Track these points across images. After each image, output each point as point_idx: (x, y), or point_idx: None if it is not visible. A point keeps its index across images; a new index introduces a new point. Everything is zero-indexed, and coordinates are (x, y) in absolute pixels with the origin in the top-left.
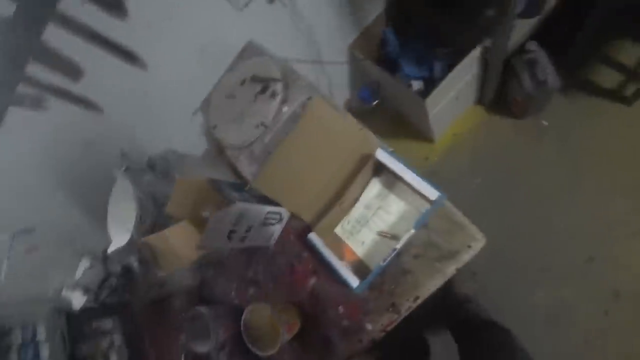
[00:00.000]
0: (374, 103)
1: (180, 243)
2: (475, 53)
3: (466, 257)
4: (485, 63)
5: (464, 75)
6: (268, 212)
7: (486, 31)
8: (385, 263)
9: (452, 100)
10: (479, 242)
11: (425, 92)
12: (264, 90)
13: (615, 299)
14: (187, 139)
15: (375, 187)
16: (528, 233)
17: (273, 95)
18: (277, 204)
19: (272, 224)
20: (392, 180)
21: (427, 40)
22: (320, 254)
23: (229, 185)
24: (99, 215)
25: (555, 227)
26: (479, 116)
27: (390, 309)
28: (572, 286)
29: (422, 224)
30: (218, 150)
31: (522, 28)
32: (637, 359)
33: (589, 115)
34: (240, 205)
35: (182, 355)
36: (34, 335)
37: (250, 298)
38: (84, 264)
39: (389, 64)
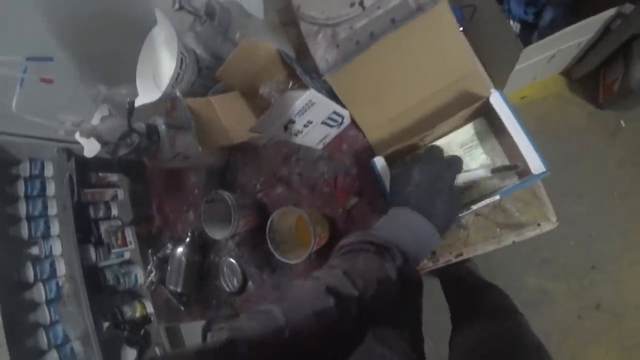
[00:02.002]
0: (460, 29)
1: (228, 117)
2: (606, 15)
3: (531, 233)
4: (606, 31)
5: (576, 37)
6: (333, 112)
7: None
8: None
9: (545, 60)
10: (550, 224)
11: (520, 38)
12: None
13: (594, 310)
14: None
15: (466, 133)
16: None
17: None
18: (342, 106)
19: (330, 127)
20: (488, 132)
21: None
22: (381, 181)
23: (300, 65)
24: (128, 61)
25: (581, 226)
26: (558, 88)
27: (429, 256)
28: (563, 284)
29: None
30: (282, 20)
31: None
32: None
33: None
34: (313, 93)
35: (189, 232)
36: (42, 170)
37: (277, 197)
38: (102, 111)
39: None
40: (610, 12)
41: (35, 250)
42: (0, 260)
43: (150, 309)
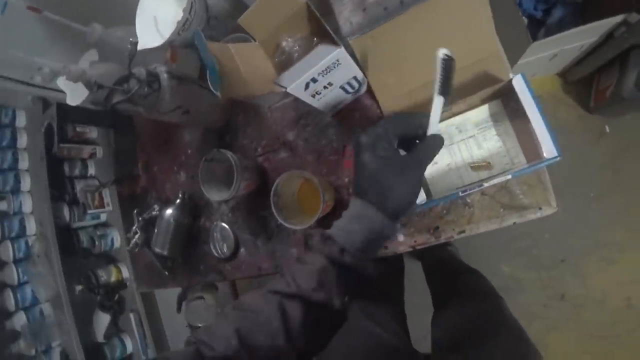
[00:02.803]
0: None
1: (248, 67)
2: (612, 21)
3: (532, 216)
4: (609, 37)
5: (581, 39)
6: (354, 77)
7: None
8: (463, 194)
9: (547, 57)
10: (550, 209)
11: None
12: None
13: (559, 300)
14: None
15: (482, 114)
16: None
17: None
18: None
19: (347, 92)
20: (502, 115)
21: None
22: None
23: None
24: (126, 1)
25: (557, 221)
26: (553, 87)
27: (432, 231)
28: (533, 273)
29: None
30: None
31: None
32: (543, 351)
33: None
34: (342, 52)
35: (180, 193)
36: (13, 119)
37: (279, 162)
38: (91, 55)
39: None
40: (617, 18)
41: (3, 206)
42: None
43: (126, 273)
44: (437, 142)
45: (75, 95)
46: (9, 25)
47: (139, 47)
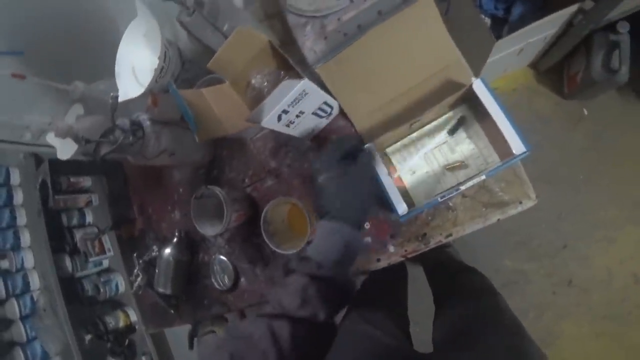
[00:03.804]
0: None
1: (221, 108)
2: (569, 11)
3: (513, 211)
4: (569, 26)
5: (543, 31)
6: (324, 102)
7: None
8: (443, 199)
9: (515, 52)
10: (530, 201)
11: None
12: None
13: (567, 286)
14: None
15: (451, 119)
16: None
17: None
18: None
19: (320, 117)
20: (471, 118)
21: None
22: None
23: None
24: (104, 56)
25: (550, 208)
26: (526, 80)
27: (420, 239)
28: (537, 263)
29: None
30: (265, 12)
31: (627, 3)
32: (558, 338)
33: (634, 123)
34: (307, 83)
35: (176, 231)
36: (7, 178)
37: (267, 190)
38: (76, 110)
39: None
40: (573, 8)
41: (4, 264)
42: None
43: (133, 317)
44: (368, 155)
45: (65, 149)
46: (3, 90)
47: (121, 98)
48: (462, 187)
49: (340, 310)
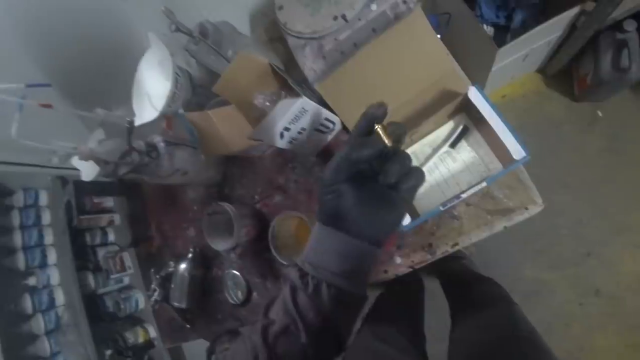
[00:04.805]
0: (438, 37)
1: (226, 128)
2: (570, 13)
3: (520, 217)
4: (572, 28)
5: (546, 36)
6: (325, 118)
7: None
8: (445, 208)
9: (520, 59)
10: (537, 207)
11: (495, 40)
12: None
13: (594, 296)
14: (229, 14)
15: (450, 129)
16: (542, 212)
17: None
18: (332, 112)
19: (323, 133)
20: (471, 127)
21: None
22: None
23: (291, 77)
24: (120, 84)
25: (570, 214)
26: (535, 85)
27: (426, 249)
28: (560, 272)
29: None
30: (269, 36)
31: (630, 1)
32: (588, 351)
33: None
34: (305, 101)
35: (190, 248)
36: (36, 199)
37: (275, 206)
38: (98, 135)
39: None
40: (574, 10)
41: (32, 281)
42: None
43: (153, 333)
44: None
45: (88, 171)
46: (25, 121)
47: (138, 122)
48: (464, 195)
49: (352, 325)
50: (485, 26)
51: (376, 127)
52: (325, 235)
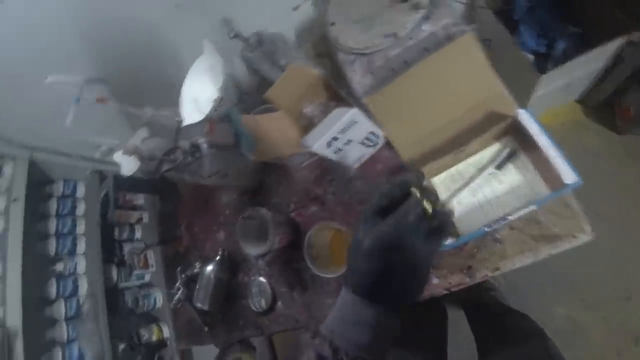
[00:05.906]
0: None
1: (277, 132)
2: (615, 44)
3: (567, 245)
4: (618, 59)
5: (589, 66)
6: (371, 132)
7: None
8: (490, 229)
9: (560, 88)
10: (586, 235)
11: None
12: None
13: (634, 344)
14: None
15: (496, 151)
16: (579, 249)
17: (416, 7)
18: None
19: (367, 146)
20: (517, 149)
21: (559, 11)
22: None
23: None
24: (168, 86)
25: (611, 253)
26: (575, 115)
27: (465, 271)
28: (596, 314)
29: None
30: (316, 52)
31: None
32: None
33: None
34: (356, 112)
35: (220, 250)
36: (74, 190)
37: (310, 216)
38: (142, 133)
39: (508, 25)
40: (620, 41)
41: (60, 267)
42: (25, 275)
43: (166, 333)
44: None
45: (128, 166)
46: (80, 113)
47: (188, 121)
48: (510, 217)
49: None
50: (525, 54)
51: (413, 190)
52: (360, 307)
